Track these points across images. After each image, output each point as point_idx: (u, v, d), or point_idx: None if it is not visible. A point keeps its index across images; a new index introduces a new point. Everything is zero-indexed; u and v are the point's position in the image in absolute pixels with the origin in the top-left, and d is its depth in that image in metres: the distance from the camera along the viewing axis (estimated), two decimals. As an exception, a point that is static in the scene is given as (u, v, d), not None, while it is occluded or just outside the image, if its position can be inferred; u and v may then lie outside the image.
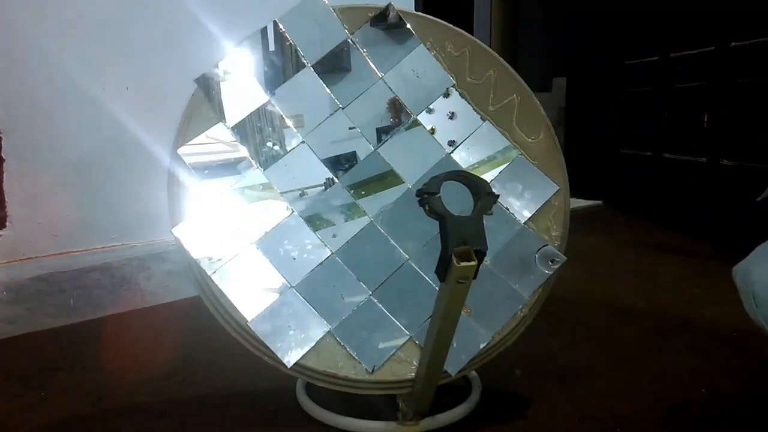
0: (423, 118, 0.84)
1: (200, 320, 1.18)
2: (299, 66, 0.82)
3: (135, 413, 0.85)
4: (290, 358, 0.71)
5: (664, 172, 2.13)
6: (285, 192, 0.77)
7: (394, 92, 0.84)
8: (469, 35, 0.90)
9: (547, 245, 0.81)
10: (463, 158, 0.84)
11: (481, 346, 0.75)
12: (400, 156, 0.82)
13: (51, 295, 1.19)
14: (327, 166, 0.80)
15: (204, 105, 0.78)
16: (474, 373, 0.87)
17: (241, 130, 0.78)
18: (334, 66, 0.83)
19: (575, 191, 0.82)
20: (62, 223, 1.23)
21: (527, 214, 0.82)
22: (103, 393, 0.90)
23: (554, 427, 0.80)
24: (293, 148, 0.79)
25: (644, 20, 2.29)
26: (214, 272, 0.72)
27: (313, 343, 0.72)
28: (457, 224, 0.60)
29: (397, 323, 0.75)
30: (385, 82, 0.84)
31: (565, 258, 0.81)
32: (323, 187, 0.79)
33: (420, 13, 0.89)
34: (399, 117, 0.83)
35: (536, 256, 0.81)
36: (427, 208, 0.62)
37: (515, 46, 3.17)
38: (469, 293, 0.61)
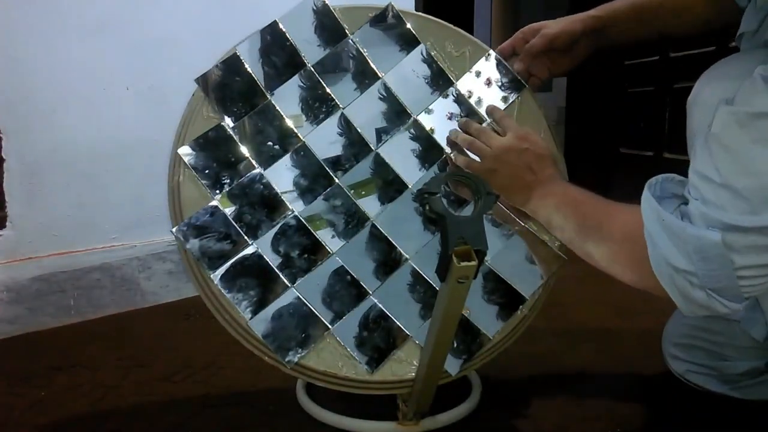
0: (422, 118, 0.84)
1: (200, 320, 1.18)
2: (299, 66, 0.82)
3: (135, 413, 0.85)
4: (290, 358, 0.71)
5: (665, 172, 2.12)
6: (285, 192, 0.77)
7: (394, 92, 0.84)
8: (469, 35, 0.90)
9: (547, 245, 0.81)
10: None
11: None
12: (400, 156, 0.82)
13: (51, 295, 1.19)
14: (327, 166, 0.79)
15: (204, 105, 0.78)
16: (474, 373, 0.87)
17: (241, 130, 0.78)
18: (334, 66, 0.83)
19: (575, 191, 0.82)
20: (62, 223, 1.23)
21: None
22: (103, 393, 0.90)
23: (554, 427, 0.80)
24: (293, 148, 0.79)
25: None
26: (214, 272, 0.72)
27: (313, 343, 0.72)
28: (457, 224, 0.60)
29: (397, 323, 0.75)
30: (385, 82, 0.84)
31: (566, 258, 0.81)
32: (323, 188, 0.79)
33: (420, 13, 0.89)
34: (397, 118, 0.83)
35: (536, 256, 0.81)
36: (427, 207, 0.62)
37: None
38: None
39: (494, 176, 0.78)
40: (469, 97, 0.86)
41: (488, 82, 0.87)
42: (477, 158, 0.80)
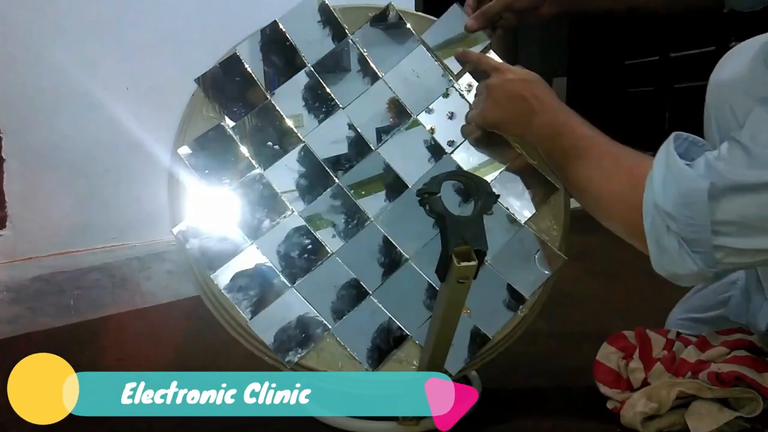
0: (422, 118, 0.84)
1: (200, 320, 1.18)
2: (299, 66, 0.82)
3: (135, 413, 0.84)
4: (290, 358, 0.71)
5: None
6: (285, 192, 0.77)
7: (394, 92, 0.84)
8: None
9: (547, 245, 0.81)
10: (463, 158, 0.84)
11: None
12: (400, 156, 0.82)
13: (51, 295, 1.19)
14: (327, 166, 0.79)
15: (204, 105, 0.78)
16: (474, 373, 0.87)
17: (241, 130, 0.78)
18: (334, 66, 0.83)
19: (575, 191, 0.82)
20: (62, 223, 1.23)
21: (527, 214, 0.82)
22: (103, 393, 0.90)
23: (554, 427, 0.80)
24: (293, 148, 0.79)
25: (644, 20, 2.29)
26: (214, 272, 0.72)
27: (313, 343, 0.72)
28: (457, 224, 0.60)
29: (397, 323, 0.75)
30: (385, 82, 0.84)
31: (565, 258, 0.81)
32: (323, 188, 0.79)
33: (420, 13, 0.89)
34: (398, 118, 0.83)
35: (536, 256, 0.81)
36: (427, 207, 0.62)
37: (515, 46, 3.18)
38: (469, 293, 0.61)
39: (488, 113, 0.78)
40: (469, 90, 0.86)
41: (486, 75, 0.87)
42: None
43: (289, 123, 0.80)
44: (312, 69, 0.82)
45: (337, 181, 0.79)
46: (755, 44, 0.71)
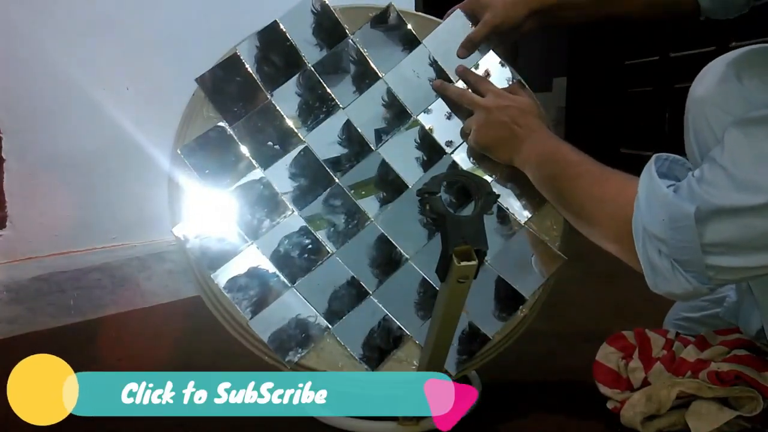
0: (421, 118, 0.84)
1: (200, 320, 1.18)
2: (299, 66, 0.82)
3: (135, 413, 0.84)
4: (291, 358, 0.71)
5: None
6: (285, 192, 0.77)
7: (394, 92, 0.84)
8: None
9: (547, 245, 0.81)
10: (463, 158, 0.84)
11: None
12: (400, 156, 0.82)
13: (51, 295, 1.19)
14: (327, 166, 0.79)
15: (204, 105, 0.78)
16: (474, 373, 0.87)
17: (241, 130, 0.78)
18: (334, 66, 0.83)
19: (575, 191, 0.82)
20: (62, 223, 1.23)
21: (527, 214, 0.82)
22: (103, 393, 0.90)
23: (554, 427, 0.80)
24: (293, 148, 0.79)
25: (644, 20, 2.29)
26: (214, 272, 0.72)
27: (313, 343, 0.72)
28: (457, 224, 0.60)
29: (397, 323, 0.75)
30: (386, 82, 0.84)
31: (565, 258, 0.81)
32: (323, 188, 0.79)
33: (420, 13, 0.89)
34: (397, 118, 0.83)
35: (533, 257, 0.81)
36: (427, 207, 0.62)
37: (515, 46, 3.18)
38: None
39: (479, 136, 0.80)
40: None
41: (487, 75, 0.87)
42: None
43: (289, 123, 0.80)
44: (312, 69, 0.82)
45: (337, 181, 0.79)
46: (728, 60, 0.75)
